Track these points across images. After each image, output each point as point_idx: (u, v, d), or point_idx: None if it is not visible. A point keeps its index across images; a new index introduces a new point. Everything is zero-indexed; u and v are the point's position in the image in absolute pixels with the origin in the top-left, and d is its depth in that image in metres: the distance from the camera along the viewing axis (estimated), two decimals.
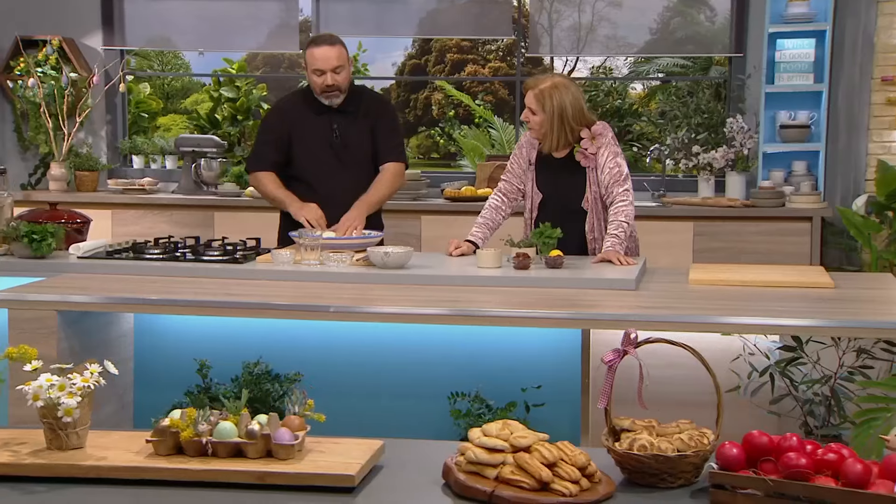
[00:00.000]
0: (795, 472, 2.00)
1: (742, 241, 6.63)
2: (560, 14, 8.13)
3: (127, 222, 7.14)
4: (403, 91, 11.47)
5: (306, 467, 2.19)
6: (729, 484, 2.07)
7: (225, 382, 4.25)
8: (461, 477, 2.09)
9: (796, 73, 6.92)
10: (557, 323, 3.75)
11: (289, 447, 2.25)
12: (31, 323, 3.81)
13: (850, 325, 3.50)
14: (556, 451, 2.06)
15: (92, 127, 7.75)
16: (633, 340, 2.27)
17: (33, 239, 4.33)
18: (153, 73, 9.64)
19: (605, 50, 8.02)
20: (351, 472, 2.14)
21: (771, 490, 2.01)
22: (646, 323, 3.61)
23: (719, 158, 6.89)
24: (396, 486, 2.18)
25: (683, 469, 2.14)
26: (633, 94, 10.95)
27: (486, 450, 2.10)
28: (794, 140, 6.92)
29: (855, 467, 1.98)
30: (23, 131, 7.69)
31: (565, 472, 2.03)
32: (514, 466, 2.06)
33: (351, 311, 3.78)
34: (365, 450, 2.27)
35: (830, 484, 2.01)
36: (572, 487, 2.01)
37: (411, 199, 7.04)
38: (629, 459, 2.14)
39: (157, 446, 2.31)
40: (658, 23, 8.20)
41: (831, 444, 2.10)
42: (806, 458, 2.04)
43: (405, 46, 11.22)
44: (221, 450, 2.25)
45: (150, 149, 7.82)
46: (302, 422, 2.34)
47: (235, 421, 2.32)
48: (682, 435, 2.21)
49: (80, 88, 7.43)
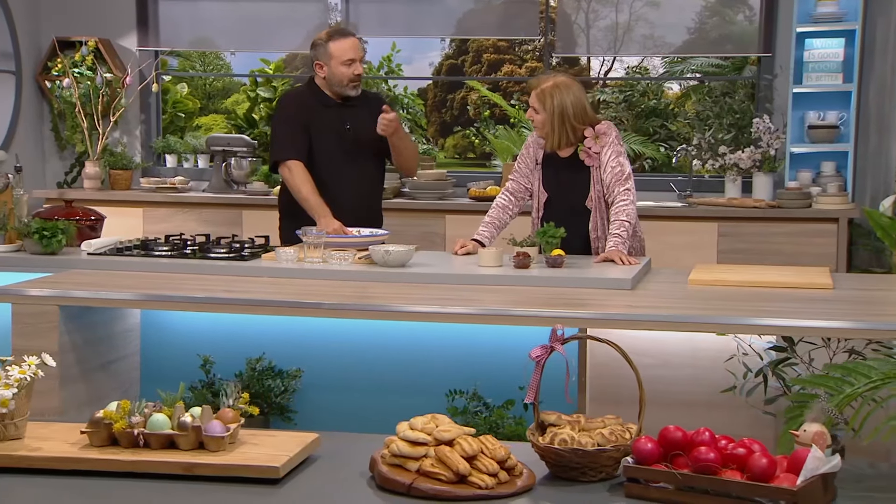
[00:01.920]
0: (704, 465, 2.03)
1: (767, 242, 6.59)
2: (597, 14, 8.12)
3: (158, 220, 7.25)
4: (440, 91, 11.51)
5: (234, 459, 2.24)
6: (642, 477, 2.10)
7: (229, 378, 4.32)
8: (384, 469, 2.13)
9: (825, 72, 6.86)
10: (552, 322, 3.76)
11: (219, 439, 2.29)
12: (33, 318, 3.90)
13: (834, 326, 3.49)
14: (477, 445, 2.09)
15: (127, 126, 7.88)
16: (560, 337, 2.29)
17: (43, 235, 4.43)
18: (186, 73, 9.77)
19: (642, 50, 8.00)
20: (276, 464, 2.18)
21: (680, 483, 2.04)
22: (638, 322, 3.64)
23: (745, 159, 6.85)
24: (323, 478, 2.22)
25: (604, 463, 2.17)
26: (671, 95, 10.89)
27: (409, 443, 2.13)
28: (823, 140, 6.86)
29: (760, 462, 2.03)
30: (60, 130, 7.84)
31: (484, 465, 2.06)
32: (434, 459, 2.09)
33: (345, 307, 3.83)
34: (298, 443, 2.31)
35: (736, 477, 2.04)
36: (489, 480, 2.04)
37: (437, 199, 7.08)
38: (550, 453, 2.17)
39: (92, 437, 2.37)
40: (696, 22, 8.16)
41: (744, 440, 2.14)
42: (715, 453, 2.08)
43: (442, 47, 11.26)
44: (154, 441, 2.31)
45: (182, 148, 7.94)
46: (236, 414, 2.38)
47: (170, 413, 2.37)
48: (604, 430, 2.23)
49: (115, 89, 7.56)
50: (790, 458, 2.11)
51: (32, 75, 7.78)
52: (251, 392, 4.26)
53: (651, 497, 2.10)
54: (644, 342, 3.99)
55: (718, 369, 3.89)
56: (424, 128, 8.84)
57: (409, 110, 8.65)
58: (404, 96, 8.60)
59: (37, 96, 7.85)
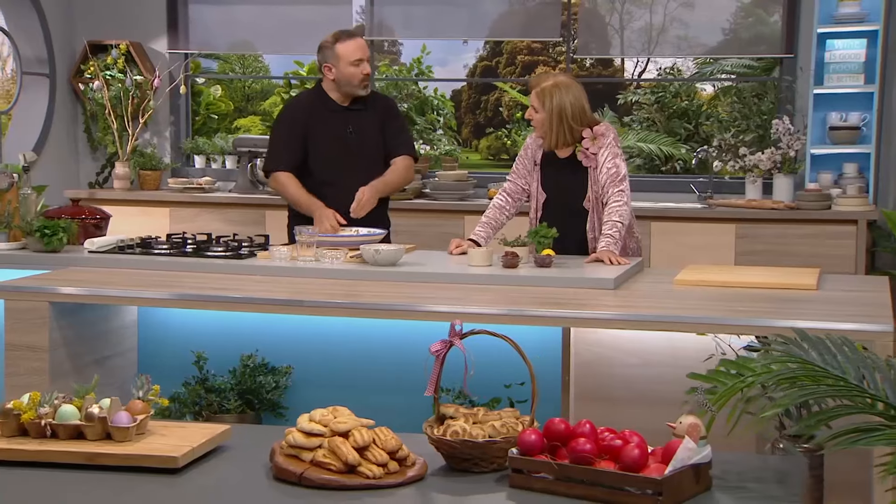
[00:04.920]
0: (580, 456, 2.10)
1: (785, 243, 6.55)
2: (631, 15, 8.12)
3: (184, 219, 7.37)
4: (474, 93, 11.55)
5: (137, 449, 2.31)
6: (525, 468, 2.16)
7: (223, 374, 4.41)
8: (279, 460, 2.20)
9: (846, 73, 6.80)
10: (532, 320, 3.82)
11: (124, 429, 2.36)
12: (25, 313, 4.02)
13: (807, 326, 3.46)
14: (369, 436, 2.14)
15: (157, 128, 8.03)
16: (459, 332, 2.34)
17: (45, 233, 4.55)
18: (215, 75, 9.91)
19: (676, 51, 7.98)
20: (175, 455, 2.25)
21: (558, 473, 2.11)
22: (612, 321, 3.71)
23: (765, 160, 6.82)
24: (224, 468, 2.29)
25: (495, 454, 2.23)
26: (704, 96, 10.84)
27: (304, 434, 2.19)
28: (844, 142, 6.81)
29: (632, 452, 2.12)
30: (92, 132, 8.01)
31: (374, 455, 2.11)
32: (327, 450, 2.15)
33: (334, 305, 3.91)
34: (205, 434, 2.38)
35: (610, 467, 2.10)
36: (377, 470, 2.09)
37: (457, 200, 7.13)
38: (442, 445, 2.22)
39: (2, 428, 2.44)
40: (730, 23, 8.13)
41: (625, 432, 2.21)
42: (592, 444, 2.15)
43: (476, 48, 11.30)
44: (62, 431, 2.38)
45: (210, 149, 8.06)
46: (146, 406, 2.45)
47: (79, 404, 2.44)
48: (497, 422, 2.28)
49: (145, 91, 7.70)
50: (663, 449, 2.19)
51: (66, 78, 7.95)
52: (243, 388, 4.36)
53: (533, 487, 2.18)
54: (627, 342, 4.02)
55: (697, 369, 3.89)
56: (454, 129, 8.90)
57: (439, 112, 8.72)
58: (434, 98, 8.67)
59: (70, 98, 8.03)
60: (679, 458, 2.15)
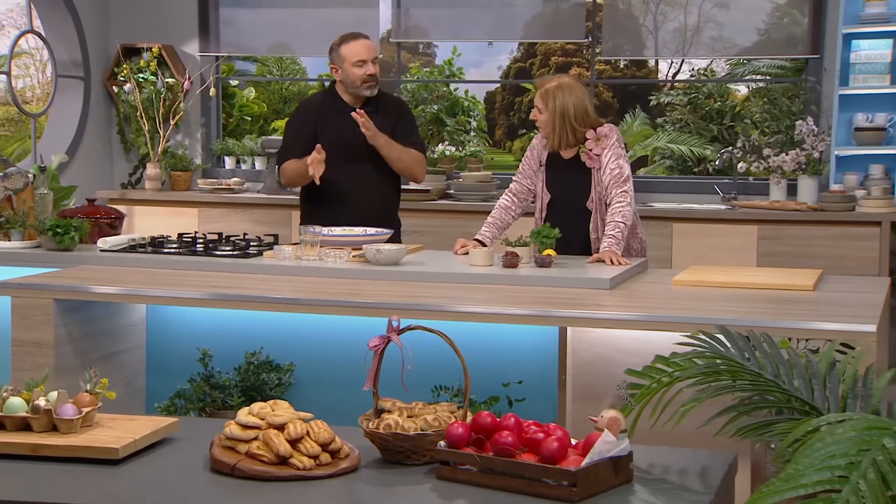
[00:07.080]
0: (502, 449, 2.15)
1: (808, 245, 6.51)
2: (665, 16, 8.10)
3: (212, 220, 7.48)
4: (508, 94, 11.57)
5: (79, 441, 2.39)
6: (451, 460, 2.21)
7: (228, 371, 4.48)
8: (216, 451, 2.26)
9: (872, 74, 6.75)
10: (528, 320, 3.86)
11: (69, 422, 2.43)
12: (30, 310, 4.12)
13: (793, 327, 3.49)
14: (303, 428, 2.19)
15: (188, 129, 8.15)
16: (396, 328, 2.38)
17: (57, 232, 4.65)
18: (247, 76, 10.02)
19: (710, 52, 7.97)
20: (115, 446, 2.31)
21: (480, 465, 2.16)
22: (614, 321, 3.75)
23: (789, 161, 6.78)
24: (166, 460, 2.35)
25: (427, 447, 2.27)
26: (739, 97, 10.78)
27: (241, 426, 2.24)
28: (870, 143, 6.75)
29: (551, 445, 2.17)
30: (125, 133, 8.14)
31: (306, 447, 2.16)
32: (261, 442, 2.20)
33: (336, 304, 3.98)
34: (150, 426, 2.44)
35: (530, 460, 2.15)
36: (308, 462, 2.14)
37: (481, 200, 7.16)
38: (375, 437, 2.27)
39: None
40: (765, 23, 8.08)
41: (550, 425, 2.26)
42: (514, 437, 2.19)
43: (511, 50, 11.32)
44: (9, 423, 2.46)
45: (240, 150, 8.16)
46: (93, 399, 2.51)
47: (28, 397, 2.51)
48: (430, 416, 2.32)
49: (176, 93, 7.82)
50: (583, 442, 2.24)
51: (100, 81, 8.10)
52: (247, 385, 4.43)
53: (458, 478, 2.24)
54: (626, 342, 4.03)
55: None
56: (485, 130, 8.92)
57: (470, 113, 8.74)
58: (464, 100, 8.70)
59: (105, 101, 8.17)
60: (596, 451, 2.20)
